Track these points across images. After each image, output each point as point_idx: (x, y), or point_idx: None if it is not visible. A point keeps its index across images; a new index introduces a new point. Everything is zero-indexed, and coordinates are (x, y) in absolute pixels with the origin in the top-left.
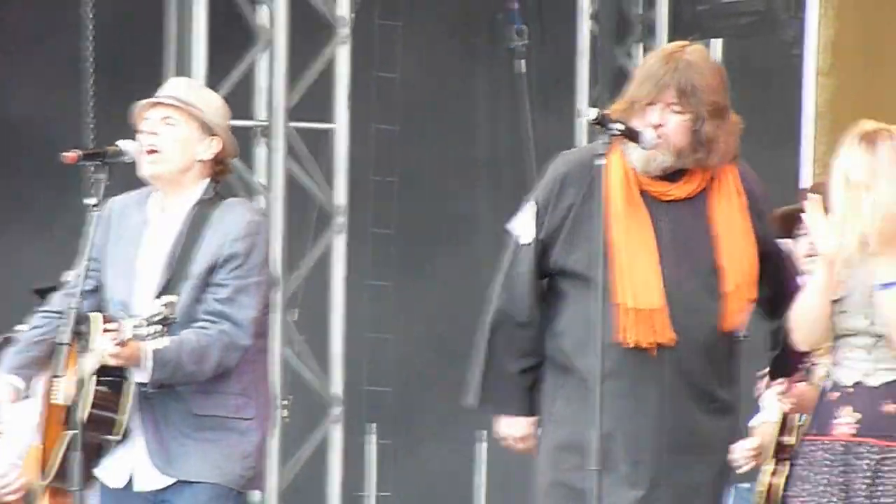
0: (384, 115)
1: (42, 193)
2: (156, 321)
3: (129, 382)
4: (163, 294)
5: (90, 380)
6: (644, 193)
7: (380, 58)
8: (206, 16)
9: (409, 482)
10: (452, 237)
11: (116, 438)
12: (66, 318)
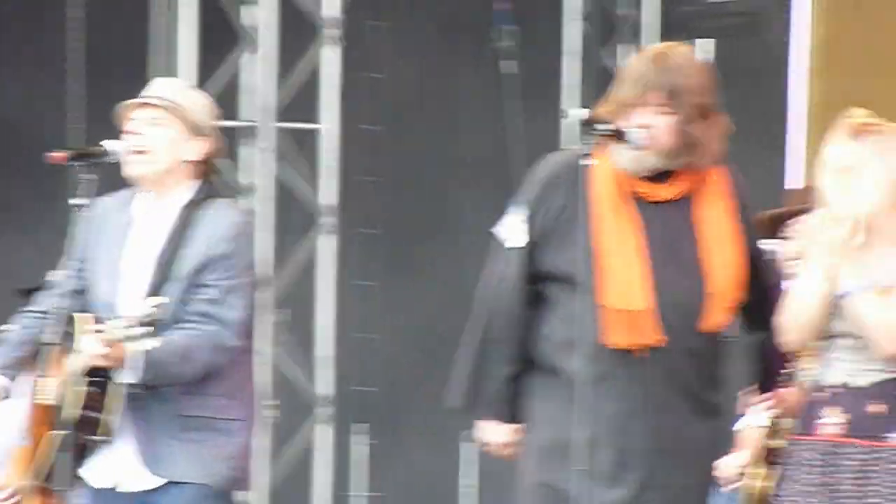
0: (371, 116)
1: (28, 193)
2: (144, 322)
3: (116, 383)
4: (149, 295)
5: (77, 380)
6: (631, 195)
7: (367, 58)
8: (194, 16)
9: (397, 482)
10: (439, 237)
11: (102, 439)
12: (52, 319)
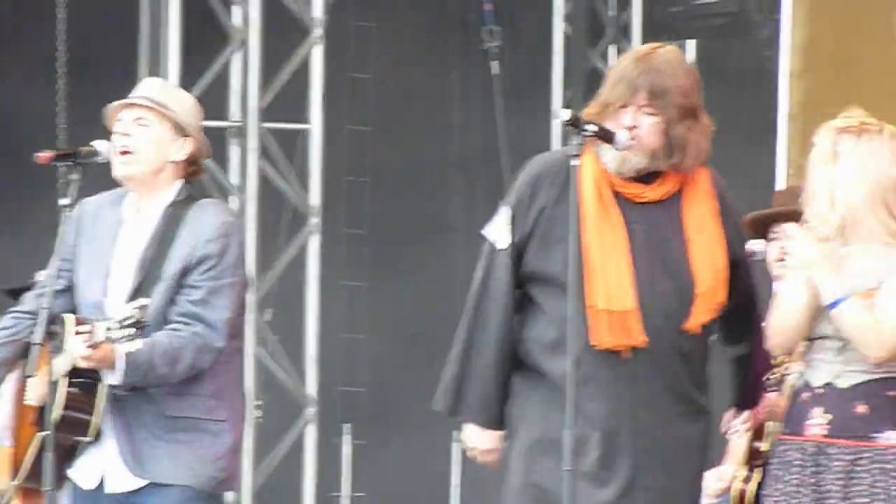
0: (358, 116)
1: (15, 193)
2: (128, 324)
3: (102, 384)
4: (135, 295)
5: (62, 381)
6: (617, 195)
7: (353, 58)
8: (180, 16)
9: (384, 482)
10: (426, 238)
11: (89, 440)
12: (38, 319)
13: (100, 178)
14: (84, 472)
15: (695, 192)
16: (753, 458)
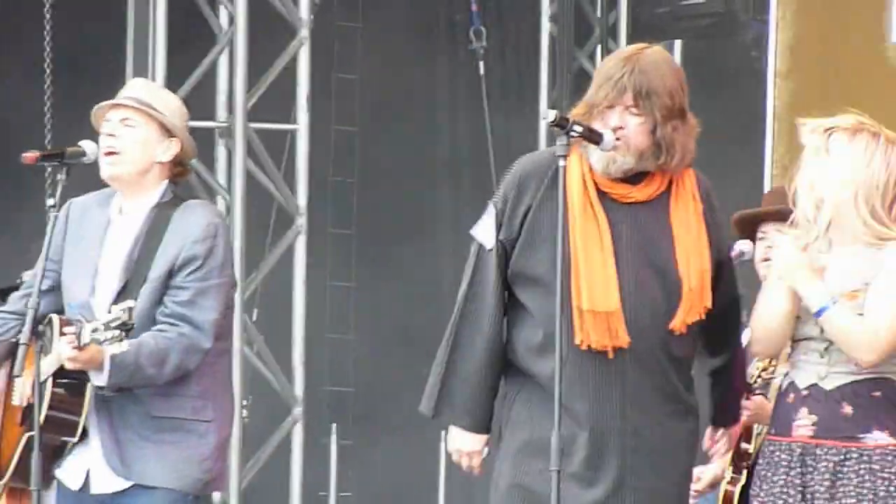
0: (344, 117)
1: (2, 194)
2: (115, 326)
3: (89, 385)
4: (121, 296)
5: (49, 381)
6: (604, 195)
7: (339, 59)
8: (166, 17)
9: (371, 482)
10: (413, 238)
11: (76, 440)
12: (25, 319)
13: (86, 179)
14: (70, 473)
15: (681, 193)
16: (740, 460)
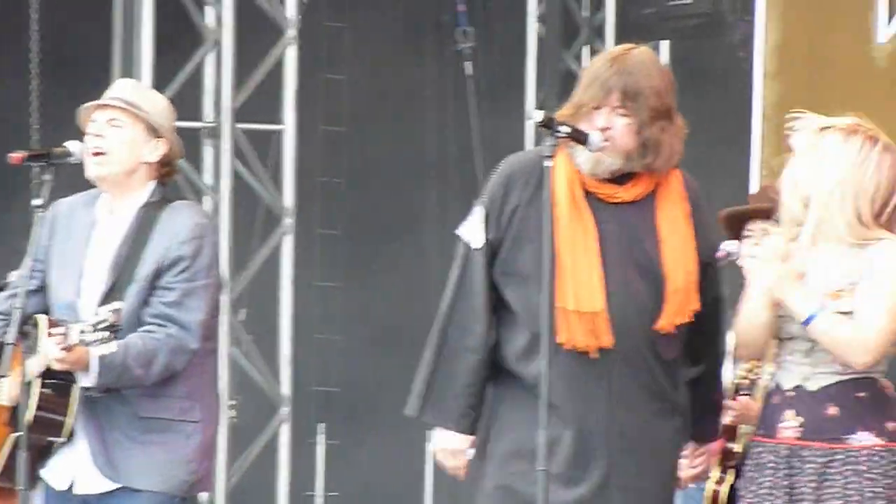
0: (331, 117)
1: None
2: (102, 327)
3: (75, 385)
4: (108, 297)
5: (36, 382)
6: (591, 196)
7: (327, 59)
8: (153, 17)
9: (358, 482)
10: (400, 238)
11: (63, 440)
12: (11, 319)
13: (73, 180)
14: (56, 473)
15: (668, 194)
16: (726, 459)
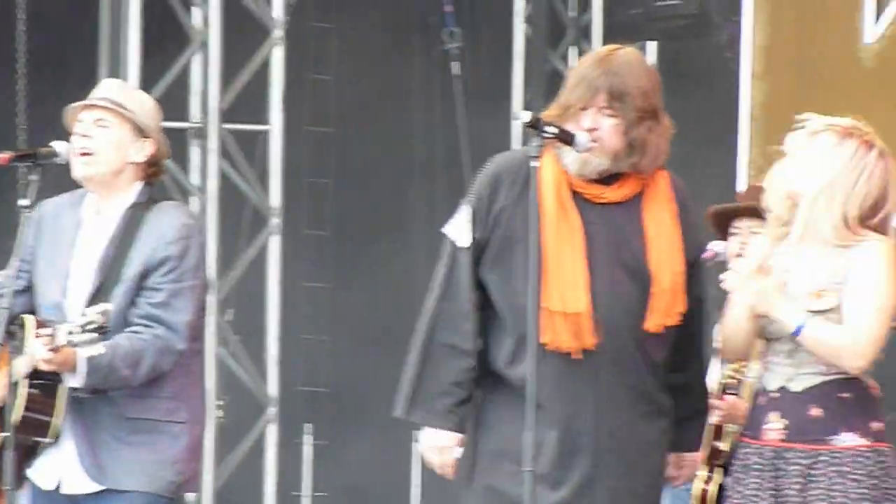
0: (318, 117)
1: None
2: (90, 329)
3: (62, 385)
4: (94, 297)
5: (23, 382)
6: (578, 196)
7: (314, 60)
8: (140, 17)
9: (345, 482)
10: (388, 239)
11: (50, 441)
12: None
13: (59, 180)
14: (43, 473)
15: (655, 194)
16: (713, 458)
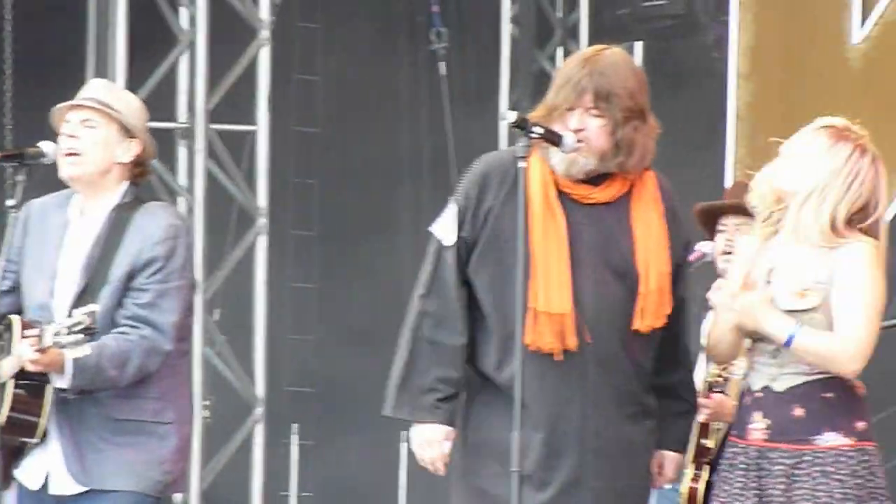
0: (305, 118)
1: None
2: (77, 330)
3: (49, 386)
4: (81, 298)
5: (9, 383)
6: (565, 197)
7: (300, 60)
8: (127, 17)
9: (332, 482)
10: (374, 239)
11: (36, 441)
12: None
13: (46, 180)
14: (29, 473)
15: (642, 195)
16: (701, 456)
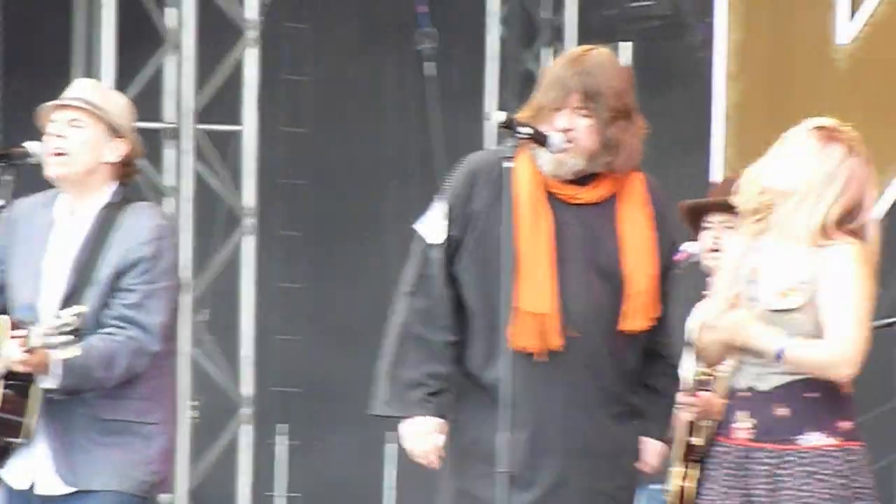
0: (293, 118)
1: None
2: (65, 331)
3: (36, 386)
4: (68, 298)
5: None
6: (553, 197)
7: (288, 60)
8: (115, 17)
9: (319, 483)
10: (361, 239)
11: (22, 441)
12: None
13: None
14: (16, 474)
15: (630, 196)
16: (689, 454)
